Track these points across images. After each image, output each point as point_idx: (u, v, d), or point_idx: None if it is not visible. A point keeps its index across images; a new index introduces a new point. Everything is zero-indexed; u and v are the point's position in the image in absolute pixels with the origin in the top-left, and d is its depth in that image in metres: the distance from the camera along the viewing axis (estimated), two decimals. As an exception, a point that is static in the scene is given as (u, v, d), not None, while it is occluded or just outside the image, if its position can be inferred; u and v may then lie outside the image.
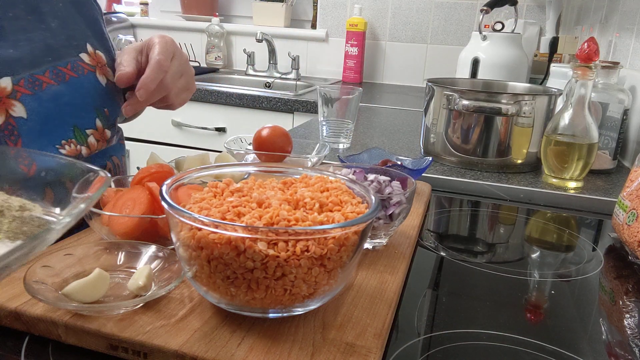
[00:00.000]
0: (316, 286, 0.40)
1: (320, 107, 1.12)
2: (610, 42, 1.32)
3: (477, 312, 0.51)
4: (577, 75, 0.88)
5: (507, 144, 0.99)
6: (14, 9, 0.60)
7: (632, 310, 0.53)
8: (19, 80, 0.58)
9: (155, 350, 0.39)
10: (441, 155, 1.05)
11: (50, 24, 0.64)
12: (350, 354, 0.39)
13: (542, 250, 0.69)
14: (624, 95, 1.01)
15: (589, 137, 0.90)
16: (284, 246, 0.38)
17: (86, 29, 0.69)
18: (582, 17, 1.73)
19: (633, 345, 0.47)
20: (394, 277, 0.51)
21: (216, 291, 0.41)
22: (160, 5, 2.78)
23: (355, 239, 0.41)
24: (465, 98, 0.98)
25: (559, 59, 1.68)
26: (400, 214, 0.57)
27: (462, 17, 2.22)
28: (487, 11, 1.47)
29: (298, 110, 1.81)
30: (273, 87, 2.26)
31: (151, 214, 0.53)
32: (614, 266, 0.64)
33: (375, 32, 2.33)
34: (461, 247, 0.68)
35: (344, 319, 0.43)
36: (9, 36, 0.59)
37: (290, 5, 2.51)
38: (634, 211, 0.63)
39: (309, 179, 0.50)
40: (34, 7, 0.62)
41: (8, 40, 0.58)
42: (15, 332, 0.42)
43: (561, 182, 0.93)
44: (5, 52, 0.57)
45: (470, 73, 1.52)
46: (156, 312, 0.42)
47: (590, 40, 0.88)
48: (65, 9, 0.67)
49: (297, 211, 0.43)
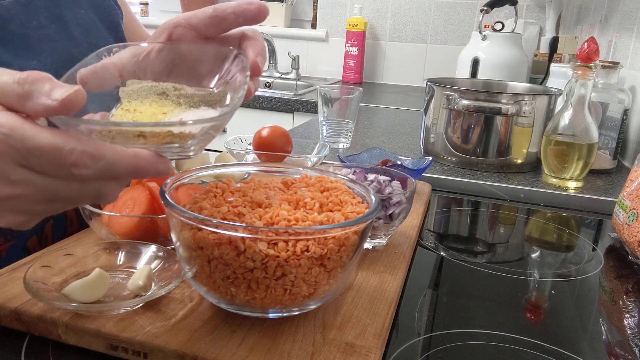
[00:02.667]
0: (316, 286, 0.40)
1: (320, 107, 1.12)
2: (610, 42, 1.32)
3: (477, 312, 0.51)
4: (577, 75, 0.88)
5: (507, 144, 0.99)
6: (37, 17, 0.58)
7: (632, 310, 0.53)
8: None
9: (155, 350, 0.39)
10: (441, 155, 1.05)
11: (73, 32, 0.62)
12: (350, 354, 0.39)
13: (542, 250, 0.69)
14: (624, 95, 1.01)
15: (589, 137, 0.90)
16: (284, 246, 0.38)
17: (108, 36, 0.68)
18: (582, 17, 1.73)
19: (633, 345, 0.47)
20: (394, 277, 0.51)
21: (216, 291, 0.41)
22: (160, 5, 2.78)
23: (355, 238, 0.41)
24: (465, 98, 0.98)
25: (559, 59, 1.68)
26: (400, 214, 0.57)
27: (462, 17, 2.22)
28: (487, 11, 1.47)
29: (298, 110, 1.81)
30: (273, 87, 2.26)
31: (151, 214, 0.53)
32: (614, 266, 0.64)
33: (375, 32, 2.33)
34: (461, 247, 0.68)
35: (344, 319, 0.43)
36: (34, 46, 0.57)
37: (290, 5, 2.51)
38: (634, 211, 0.63)
39: (309, 179, 0.50)
40: (57, 15, 0.61)
41: (33, 51, 0.57)
42: (15, 332, 0.42)
43: (561, 182, 0.93)
44: (29, 64, 0.56)
45: (470, 73, 1.52)
46: (156, 312, 0.42)
47: (590, 40, 0.88)
48: (87, 15, 0.65)
49: (297, 211, 0.43)
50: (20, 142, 0.31)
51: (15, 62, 0.54)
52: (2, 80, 0.32)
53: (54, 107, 0.31)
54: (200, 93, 0.42)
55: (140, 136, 0.33)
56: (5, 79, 0.32)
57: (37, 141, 0.31)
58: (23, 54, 0.56)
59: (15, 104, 0.32)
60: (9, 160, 0.32)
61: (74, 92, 0.31)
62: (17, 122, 0.31)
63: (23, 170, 0.32)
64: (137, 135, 0.33)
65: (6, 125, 0.31)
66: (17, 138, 0.31)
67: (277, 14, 2.48)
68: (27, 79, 0.31)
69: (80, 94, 0.31)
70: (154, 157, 0.34)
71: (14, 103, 0.32)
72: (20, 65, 0.54)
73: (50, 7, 0.60)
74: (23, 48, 0.56)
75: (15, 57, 0.54)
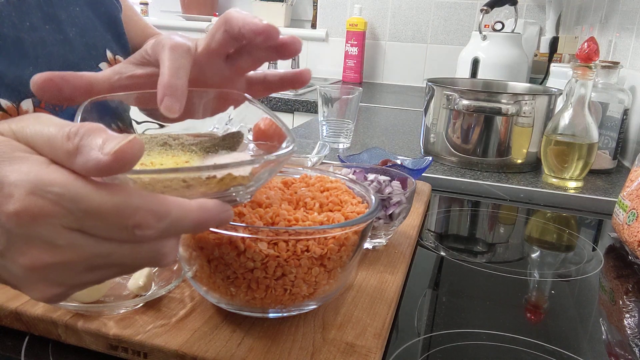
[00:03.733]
0: (316, 286, 0.40)
1: (320, 107, 1.12)
2: (610, 42, 1.32)
3: (477, 312, 0.51)
4: (577, 75, 0.88)
5: (507, 143, 0.99)
6: (30, 17, 0.55)
7: (632, 310, 0.53)
8: (40, 102, 0.55)
9: (155, 350, 0.39)
10: (441, 155, 1.05)
11: (68, 33, 0.60)
12: (350, 354, 0.39)
13: (542, 250, 0.69)
14: (624, 95, 1.01)
15: (589, 137, 0.90)
16: (284, 246, 0.38)
17: (105, 33, 0.66)
18: (582, 17, 1.73)
19: (633, 345, 0.47)
20: (394, 277, 0.51)
21: (216, 291, 0.41)
22: (160, 5, 2.78)
23: (355, 238, 0.41)
24: (465, 98, 0.98)
25: (559, 59, 1.68)
26: (400, 213, 0.57)
27: (462, 17, 2.22)
28: (487, 11, 1.47)
29: (298, 110, 1.81)
30: (273, 87, 2.25)
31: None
32: (614, 266, 0.64)
33: (375, 32, 2.33)
34: (461, 247, 0.68)
35: (344, 319, 0.43)
36: (29, 51, 0.54)
37: (290, 5, 2.51)
38: (634, 211, 0.63)
39: (309, 178, 0.50)
40: (51, 14, 0.58)
41: (28, 57, 0.54)
42: (15, 332, 0.42)
43: (561, 182, 0.93)
44: (26, 72, 0.53)
45: (470, 73, 1.52)
46: (156, 312, 0.42)
47: (590, 40, 0.88)
48: (82, 13, 0.63)
49: (297, 211, 0.43)
50: (73, 203, 0.26)
51: (10, 70, 0.52)
52: (49, 133, 0.27)
53: (106, 163, 0.25)
54: (203, 139, 0.39)
55: (197, 184, 0.30)
56: (52, 132, 0.27)
57: (94, 201, 0.26)
58: (17, 62, 0.53)
59: (65, 161, 0.27)
60: (58, 223, 0.27)
61: (128, 142, 0.26)
62: (69, 179, 0.27)
63: (73, 234, 0.27)
64: (198, 183, 0.30)
65: (58, 184, 0.26)
66: (71, 198, 0.26)
67: (277, 14, 2.48)
68: (78, 132, 0.27)
69: (136, 144, 0.26)
70: (219, 207, 0.30)
71: (63, 159, 0.27)
72: (16, 74, 0.52)
73: (43, 6, 0.57)
74: (17, 54, 0.53)
75: (10, 65, 0.52)
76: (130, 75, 0.41)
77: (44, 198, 0.26)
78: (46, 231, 0.27)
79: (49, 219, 0.26)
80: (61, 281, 0.29)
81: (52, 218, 0.26)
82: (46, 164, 0.27)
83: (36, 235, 0.27)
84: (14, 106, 0.53)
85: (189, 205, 0.29)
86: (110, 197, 0.27)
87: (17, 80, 0.53)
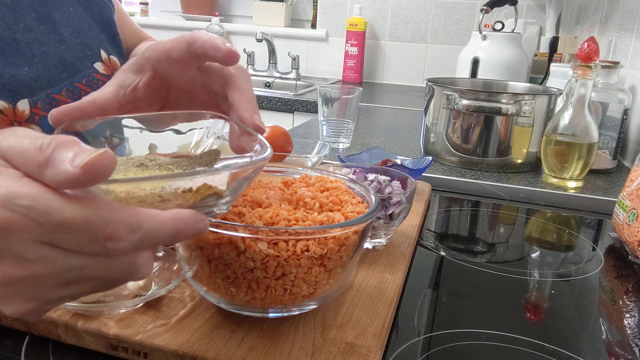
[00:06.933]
0: (316, 286, 0.40)
1: (320, 107, 1.12)
2: (610, 42, 1.32)
3: (477, 312, 0.51)
4: (577, 74, 0.88)
5: (507, 143, 0.99)
6: (25, 18, 0.55)
7: (632, 310, 0.53)
8: (36, 102, 0.55)
9: (155, 350, 0.39)
10: (441, 155, 1.05)
11: (63, 33, 0.60)
12: (350, 354, 0.39)
13: (542, 250, 0.69)
14: (624, 95, 1.01)
15: (589, 137, 0.90)
16: (284, 246, 0.38)
17: (99, 33, 0.66)
18: (582, 17, 1.73)
19: (633, 345, 0.47)
20: (394, 277, 0.51)
21: (216, 291, 0.41)
22: (160, 5, 2.78)
23: (355, 238, 0.41)
24: (465, 98, 0.98)
25: (559, 59, 1.68)
26: (400, 213, 0.57)
27: (462, 17, 2.22)
28: (487, 11, 1.47)
29: (298, 110, 1.81)
30: (273, 87, 2.26)
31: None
32: (614, 266, 0.64)
33: (375, 31, 2.33)
34: (461, 247, 0.68)
35: (344, 319, 0.43)
36: (25, 51, 0.55)
37: (290, 5, 2.51)
38: (634, 211, 0.63)
39: (309, 178, 0.50)
40: (46, 15, 0.58)
41: (24, 56, 0.54)
42: (15, 332, 0.42)
43: (561, 182, 0.93)
44: (22, 72, 0.54)
45: (470, 73, 1.52)
46: (156, 312, 0.42)
47: (590, 39, 0.88)
48: (76, 13, 0.63)
49: (297, 211, 0.43)
50: (43, 215, 0.26)
51: (7, 70, 0.52)
52: (23, 146, 0.27)
53: (76, 175, 0.25)
54: (180, 159, 0.40)
55: (173, 197, 0.30)
56: (25, 144, 0.27)
57: (64, 213, 0.26)
58: (13, 61, 0.53)
59: (37, 173, 0.27)
60: (27, 237, 0.26)
61: (98, 155, 0.25)
62: (40, 192, 0.26)
63: (43, 247, 0.27)
64: (173, 194, 0.30)
65: (27, 196, 0.26)
66: (40, 210, 0.26)
67: (277, 13, 2.48)
68: (50, 144, 0.26)
69: (107, 157, 0.25)
70: (193, 217, 0.29)
71: (35, 172, 0.27)
72: (12, 74, 0.53)
73: (37, 7, 0.57)
74: (13, 54, 0.53)
75: (6, 65, 0.52)
76: (133, 88, 0.43)
77: (13, 211, 0.26)
78: (16, 245, 0.26)
79: (18, 232, 0.26)
80: (34, 296, 0.28)
81: (21, 231, 0.26)
82: (18, 177, 0.27)
83: (6, 249, 0.26)
84: (10, 107, 0.53)
85: (162, 216, 0.28)
86: (82, 209, 0.26)
87: (13, 80, 0.53)
